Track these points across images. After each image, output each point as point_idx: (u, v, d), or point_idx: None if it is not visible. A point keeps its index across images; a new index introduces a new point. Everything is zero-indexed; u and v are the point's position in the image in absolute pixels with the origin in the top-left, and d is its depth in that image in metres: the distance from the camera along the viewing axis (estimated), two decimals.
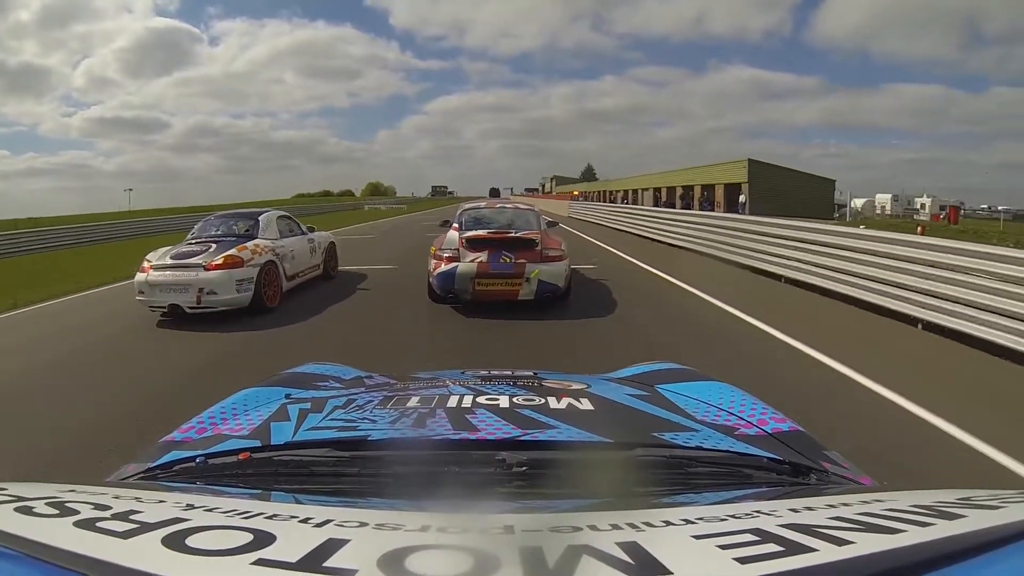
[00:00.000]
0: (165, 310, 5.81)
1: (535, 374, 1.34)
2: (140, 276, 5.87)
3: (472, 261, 5.69)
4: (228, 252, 5.89)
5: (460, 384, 1.20)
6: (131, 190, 59.37)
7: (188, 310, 5.69)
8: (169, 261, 5.86)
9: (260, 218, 6.79)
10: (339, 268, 8.55)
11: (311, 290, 7.31)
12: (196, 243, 6.30)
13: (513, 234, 5.98)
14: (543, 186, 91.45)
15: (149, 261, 5.94)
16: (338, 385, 1.36)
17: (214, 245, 6.09)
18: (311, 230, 7.86)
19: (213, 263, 5.73)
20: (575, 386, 1.19)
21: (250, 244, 6.19)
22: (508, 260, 5.70)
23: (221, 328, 5.48)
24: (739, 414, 1.08)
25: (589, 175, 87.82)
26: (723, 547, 0.44)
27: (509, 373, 1.35)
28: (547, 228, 6.68)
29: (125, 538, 0.46)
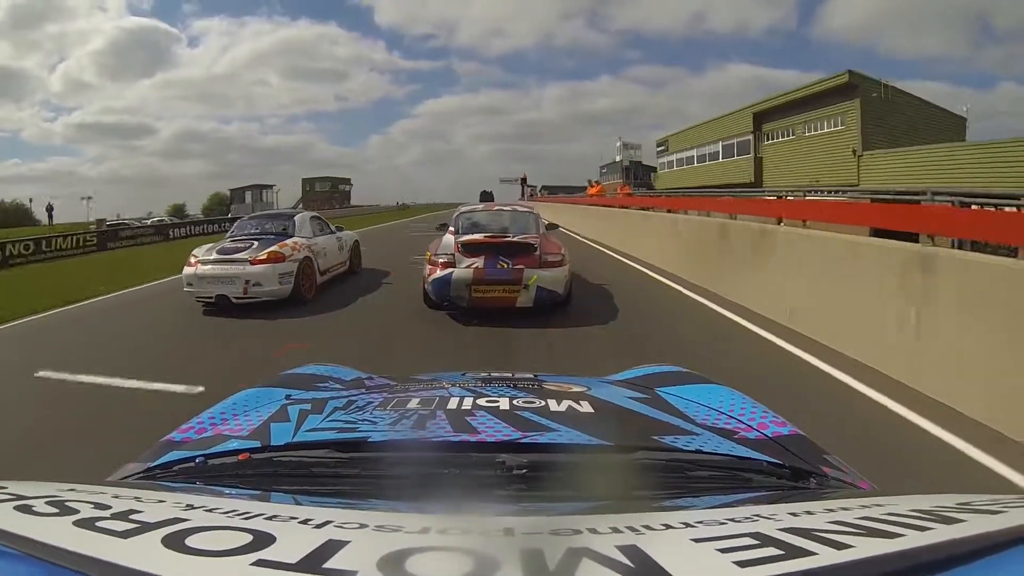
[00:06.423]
0: (212, 300, 6.33)
1: (535, 376, 1.34)
2: (188, 270, 6.39)
3: (468, 267, 5.42)
4: (271, 248, 6.43)
5: (460, 386, 1.20)
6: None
7: (234, 300, 6.21)
8: (215, 256, 6.40)
9: (295, 218, 7.41)
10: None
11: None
12: (238, 240, 6.83)
13: (510, 238, 5.74)
14: (628, 170, 42.93)
15: (196, 256, 6.46)
16: (338, 386, 1.36)
17: (256, 242, 6.61)
18: (339, 229, 8.56)
19: (258, 258, 6.29)
20: (575, 388, 1.19)
21: (289, 241, 6.72)
22: (505, 266, 5.42)
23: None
24: (739, 418, 1.08)
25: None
26: (722, 550, 0.44)
27: (509, 375, 1.35)
28: (546, 231, 6.39)
29: (125, 538, 0.46)
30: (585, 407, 1.03)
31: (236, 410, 1.11)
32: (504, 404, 1.02)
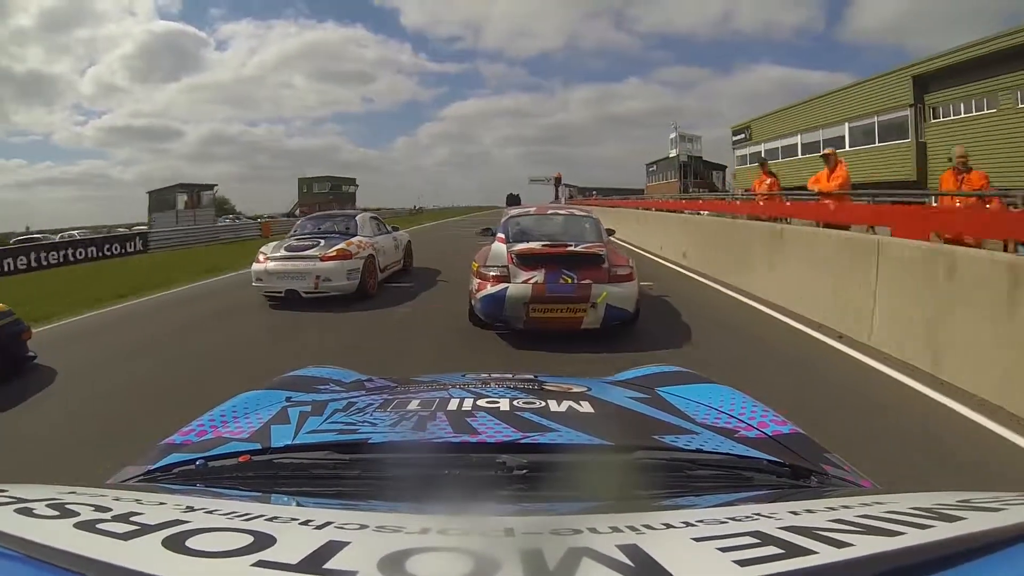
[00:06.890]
0: (281, 295, 6.59)
1: (535, 377, 1.34)
2: (258, 266, 6.69)
3: (526, 282, 4.68)
4: (339, 246, 6.72)
5: (460, 387, 1.20)
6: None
7: (304, 294, 6.51)
8: (284, 252, 6.69)
9: (356, 218, 7.76)
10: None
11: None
12: (304, 239, 7.14)
13: (574, 248, 4.96)
14: (687, 167, 34.64)
15: (264, 253, 6.76)
16: (338, 388, 1.36)
17: (322, 240, 6.90)
18: (395, 229, 8.96)
19: (327, 255, 6.58)
20: (575, 389, 1.19)
21: (355, 240, 7.05)
22: (569, 281, 4.69)
23: None
24: (739, 417, 1.08)
25: None
26: (723, 549, 0.44)
27: (509, 376, 1.35)
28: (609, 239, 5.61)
29: (125, 539, 0.46)
30: (585, 407, 1.03)
31: (236, 412, 1.11)
32: (504, 405, 1.02)
